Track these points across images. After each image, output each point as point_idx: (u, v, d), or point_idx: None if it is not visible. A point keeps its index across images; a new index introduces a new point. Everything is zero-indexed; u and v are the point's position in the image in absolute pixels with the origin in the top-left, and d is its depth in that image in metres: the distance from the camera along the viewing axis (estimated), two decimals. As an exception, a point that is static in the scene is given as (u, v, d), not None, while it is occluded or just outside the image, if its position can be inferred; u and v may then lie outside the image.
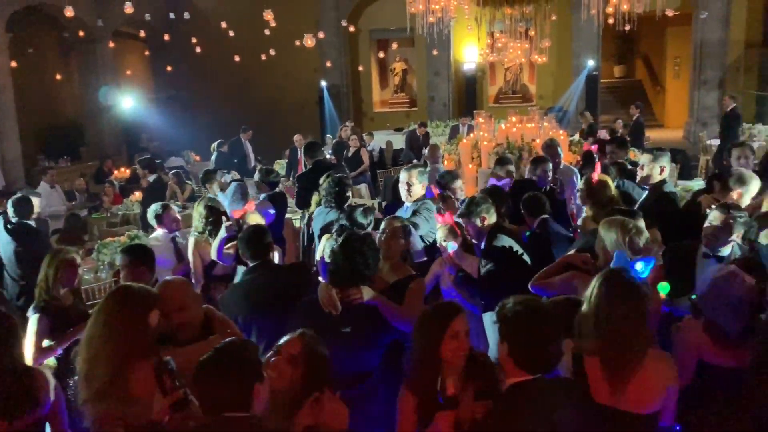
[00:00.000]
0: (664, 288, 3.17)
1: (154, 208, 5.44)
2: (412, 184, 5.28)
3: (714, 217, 3.63)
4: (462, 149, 9.00)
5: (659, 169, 4.95)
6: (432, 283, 4.62)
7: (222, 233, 4.87)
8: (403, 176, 5.38)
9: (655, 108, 22.31)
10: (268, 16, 9.68)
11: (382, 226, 3.95)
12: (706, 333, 2.76)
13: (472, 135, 9.93)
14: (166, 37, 14.41)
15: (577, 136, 12.72)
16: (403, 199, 5.36)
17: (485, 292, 3.95)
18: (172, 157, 15.15)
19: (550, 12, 9.86)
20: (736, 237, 3.63)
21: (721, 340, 2.71)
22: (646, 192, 5.09)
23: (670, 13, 12.31)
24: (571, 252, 3.87)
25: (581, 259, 3.54)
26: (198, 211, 5.19)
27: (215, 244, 4.89)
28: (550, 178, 5.85)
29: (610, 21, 9.99)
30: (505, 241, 4.21)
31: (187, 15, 13.68)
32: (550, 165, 5.87)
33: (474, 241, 4.30)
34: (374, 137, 15.30)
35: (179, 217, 5.57)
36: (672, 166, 10.42)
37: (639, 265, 2.66)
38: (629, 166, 6.05)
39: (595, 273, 3.36)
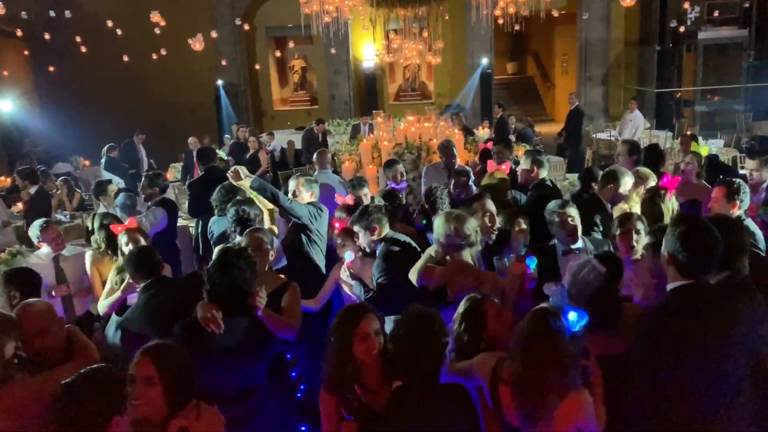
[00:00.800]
0: (531, 261, 3.31)
1: (35, 227, 5.13)
2: (300, 193, 5.27)
3: (555, 216, 3.96)
4: (363, 149, 9.04)
5: (531, 171, 5.21)
6: (333, 288, 4.62)
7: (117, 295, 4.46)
8: (291, 185, 5.37)
9: (546, 103, 23.39)
10: (156, 17, 9.26)
11: (244, 241, 3.82)
12: None
13: (372, 135, 10.01)
14: (47, 35, 13.50)
15: (479, 133, 13.11)
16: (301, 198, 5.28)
17: (378, 302, 3.98)
18: (60, 163, 14.29)
19: (443, 13, 10.06)
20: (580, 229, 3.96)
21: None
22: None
23: (556, 13, 12.92)
24: None
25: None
26: (98, 233, 4.92)
27: (110, 300, 4.47)
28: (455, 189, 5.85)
29: (500, 21, 10.35)
30: (401, 236, 4.28)
31: (68, 13, 12.88)
32: (464, 178, 5.80)
33: (367, 249, 4.30)
34: (275, 137, 15.07)
35: (62, 235, 5.26)
36: (559, 161, 10.98)
37: (571, 315, 2.56)
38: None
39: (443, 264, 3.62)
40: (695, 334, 2.47)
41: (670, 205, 4.10)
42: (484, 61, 17.93)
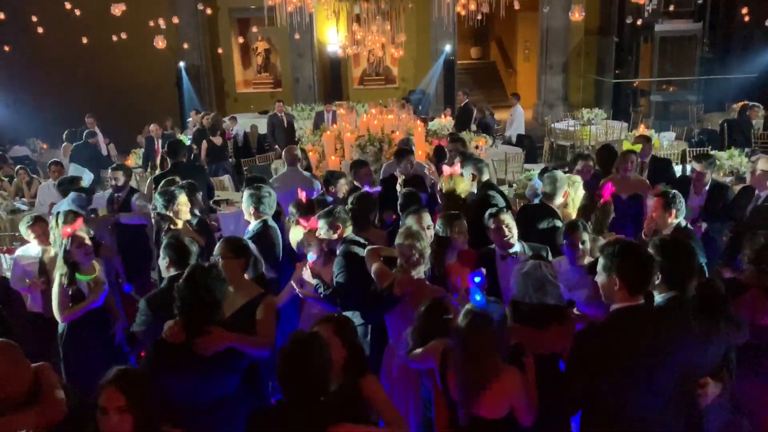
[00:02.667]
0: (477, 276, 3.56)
1: (24, 223, 5.16)
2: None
3: (490, 223, 4.24)
4: (325, 140, 9.16)
5: (470, 176, 5.48)
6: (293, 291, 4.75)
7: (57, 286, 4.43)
8: (245, 202, 5.15)
9: (508, 89, 23.62)
10: (117, 10, 9.08)
11: (216, 250, 3.87)
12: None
13: (335, 125, 10.11)
14: (2, 15, 13.12)
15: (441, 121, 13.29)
16: (246, 217, 5.19)
17: (341, 302, 4.17)
18: (16, 146, 14.04)
19: (408, 2, 10.14)
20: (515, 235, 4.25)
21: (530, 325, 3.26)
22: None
23: (517, 5, 13.08)
24: None
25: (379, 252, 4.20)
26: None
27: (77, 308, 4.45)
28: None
29: (462, 13, 10.47)
30: (360, 239, 4.46)
31: (24, -6, 12.53)
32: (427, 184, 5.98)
33: (324, 247, 4.47)
34: (238, 121, 15.00)
35: (49, 230, 5.20)
36: (517, 152, 11.22)
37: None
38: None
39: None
40: (632, 354, 2.72)
41: (604, 211, 4.47)
42: (447, 47, 18.06)
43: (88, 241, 4.58)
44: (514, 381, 3.01)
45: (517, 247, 4.24)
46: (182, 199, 5.33)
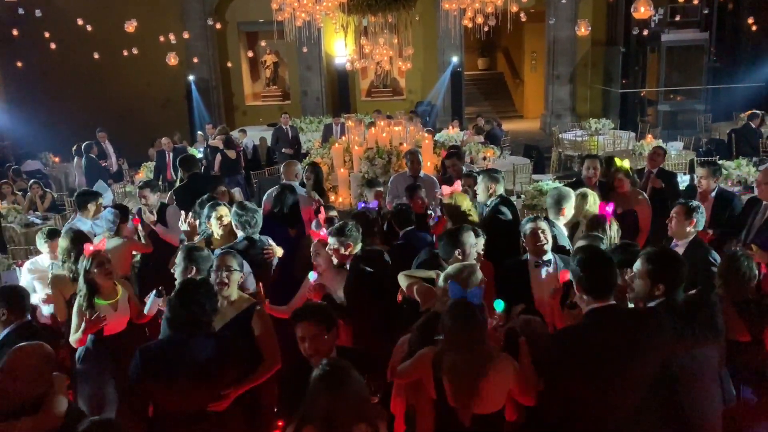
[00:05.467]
0: (498, 305, 3.58)
1: (42, 235, 5.16)
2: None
3: (527, 228, 4.29)
4: (334, 153, 9.21)
5: (488, 189, 5.53)
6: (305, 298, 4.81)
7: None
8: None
9: (515, 99, 23.74)
10: (130, 27, 9.24)
11: (215, 263, 3.92)
12: None
13: (344, 138, 10.18)
14: (15, 32, 13.35)
15: (448, 132, 13.38)
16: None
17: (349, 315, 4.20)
18: (29, 160, 14.21)
19: (414, 15, 10.23)
20: (550, 242, 4.28)
21: None
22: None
23: (524, 18, 13.17)
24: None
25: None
26: (65, 253, 4.77)
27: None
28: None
29: (469, 25, 10.56)
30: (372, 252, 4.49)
31: (38, 12, 12.75)
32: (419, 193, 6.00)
33: (335, 261, 4.49)
34: (247, 134, 15.13)
35: None
36: (525, 162, 11.25)
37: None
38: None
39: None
40: (606, 349, 2.83)
41: (611, 231, 4.52)
42: (455, 59, 18.16)
43: (109, 262, 4.40)
44: (509, 367, 3.02)
45: (549, 255, 4.26)
46: (223, 211, 5.22)
